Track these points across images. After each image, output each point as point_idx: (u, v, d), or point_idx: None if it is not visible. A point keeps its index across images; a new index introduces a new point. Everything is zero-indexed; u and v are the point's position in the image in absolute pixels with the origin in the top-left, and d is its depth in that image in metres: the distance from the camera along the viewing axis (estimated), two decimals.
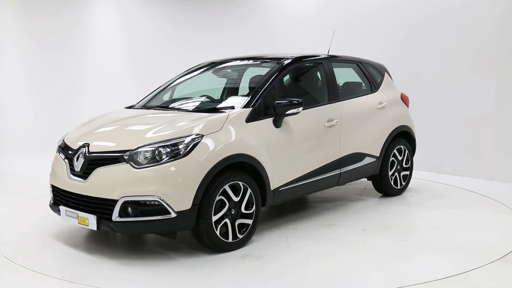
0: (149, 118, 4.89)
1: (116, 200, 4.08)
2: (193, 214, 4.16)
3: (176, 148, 4.17)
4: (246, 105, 4.74)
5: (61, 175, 4.54)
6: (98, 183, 4.20)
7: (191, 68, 6.03)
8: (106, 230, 4.22)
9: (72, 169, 4.43)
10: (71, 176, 4.42)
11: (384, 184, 6.17)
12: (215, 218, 4.27)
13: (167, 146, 4.17)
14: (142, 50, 11.16)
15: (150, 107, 5.31)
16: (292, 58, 5.37)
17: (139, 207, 4.09)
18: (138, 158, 4.14)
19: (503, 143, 7.12)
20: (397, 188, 6.29)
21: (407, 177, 6.44)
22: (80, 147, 4.43)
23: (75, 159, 4.42)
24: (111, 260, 4.26)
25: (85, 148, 4.38)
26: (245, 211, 4.51)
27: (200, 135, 4.28)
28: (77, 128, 5.00)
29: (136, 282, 3.85)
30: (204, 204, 4.20)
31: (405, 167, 6.39)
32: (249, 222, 4.56)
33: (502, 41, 7.03)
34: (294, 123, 4.99)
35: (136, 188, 4.08)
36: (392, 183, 6.22)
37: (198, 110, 4.87)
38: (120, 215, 4.10)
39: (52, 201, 4.73)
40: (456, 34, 7.49)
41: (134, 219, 4.09)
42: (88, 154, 4.32)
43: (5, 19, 9.68)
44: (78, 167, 4.36)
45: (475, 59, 7.31)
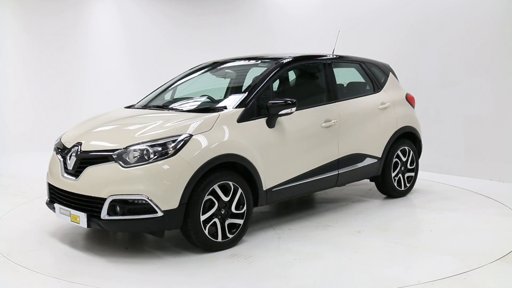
0: (143, 118, 4.94)
1: (105, 199, 4.15)
2: (180, 213, 4.19)
3: (164, 147, 4.21)
4: (238, 105, 4.74)
5: (56, 174, 4.64)
6: (88, 181, 4.27)
7: (193, 68, 6.06)
8: (96, 228, 4.28)
9: (66, 167, 4.52)
10: (64, 174, 4.51)
11: (387, 185, 6.09)
12: (203, 218, 4.29)
13: (155, 146, 4.21)
14: (142, 50, 11.19)
15: (148, 107, 5.37)
16: (289, 58, 5.35)
17: (127, 205, 4.14)
18: (127, 157, 4.19)
19: (503, 143, 7.06)
20: (400, 189, 6.20)
21: (412, 178, 6.34)
22: (73, 146, 4.51)
23: (68, 157, 4.51)
24: (100, 257, 4.33)
25: (77, 147, 4.46)
26: (235, 211, 4.52)
27: (189, 135, 4.31)
28: (74, 127, 5.09)
29: (120, 279, 3.90)
30: (192, 203, 4.23)
31: (409, 168, 6.29)
32: (240, 222, 4.56)
33: (502, 41, 6.97)
34: (289, 124, 4.97)
35: (124, 187, 4.13)
36: (396, 184, 6.13)
37: (192, 110, 4.90)
38: (109, 213, 4.16)
39: (48, 198, 4.83)
40: (456, 34, 7.46)
41: (122, 218, 4.15)
42: (80, 153, 4.40)
43: (5, 19, 9.75)
44: (70, 165, 4.45)
45: (475, 59, 7.27)
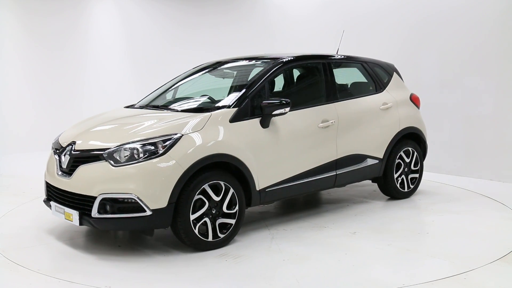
0: (138, 118, 4.97)
1: (95, 197, 4.21)
2: (169, 212, 4.22)
3: (154, 147, 4.25)
4: (232, 105, 4.75)
5: (52, 172, 4.73)
6: (80, 180, 4.34)
7: (196, 67, 6.08)
8: (87, 225, 4.35)
9: (61, 166, 4.60)
10: (59, 172, 4.59)
11: (389, 186, 6.02)
12: (193, 217, 4.32)
13: (145, 145, 4.25)
14: (142, 50, 11.22)
15: (146, 107, 5.41)
16: (286, 59, 5.32)
17: (117, 204, 4.19)
18: (117, 156, 4.24)
19: (503, 143, 7.01)
20: (404, 191, 6.12)
21: (416, 180, 6.25)
22: (68, 145, 4.59)
23: (62, 156, 4.59)
24: (91, 255, 4.39)
25: (71, 146, 4.54)
26: (227, 211, 4.53)
27: (179, 135, 4.34)
28: (72, 127, 5.17)
29: (105, 276, 3.94)
30: (182, 202, 4.25)
31: (413, 169, 6.20)
32: (231, 222, 4.57)
33: (503, 41, 6.91)
34: (284, 124, 4.95)
35: (114, 186, 4.19)
36: (399, 186, 6.06)
37: (187, 110, 4.92)
38: (99, 212, 4.21)
39: (46, 196, 4.92)
40: (456, 34, 7.43)
41: (112, 216, 4.20)
42: (73, 152, 4.48)
43: (5, 19, 9.81)
44: (64, 164, 4.53)
45: (475, 59, 7.23)
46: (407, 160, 6.11)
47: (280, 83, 5.69)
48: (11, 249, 4.55)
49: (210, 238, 4.45)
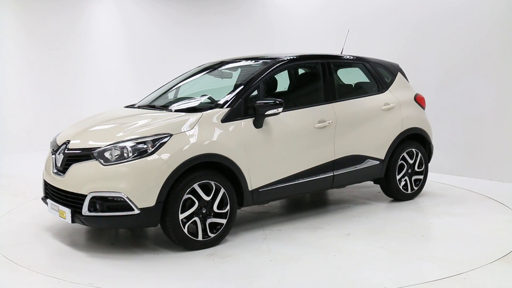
0: (133, 118, 5.01)
1: (85, 195, 4.28)
2: (157, 211, 4.26)
3: (144, 146, 4.30)
4: (225, 105, 4.76)
5: (49, 170, 4.83)
6: (72, 178, 4.43)
7: (198, 67, 6.10)
8: (79, 223, 4.42)
9: (56, 164, 4.69)
10: (54, 171, 4.68)
11: (391, 188, 5.93)
12: (182, 216, 4.35)
13: (134, 144, 4.30)
14: (142, 50, 11.23)
15: (145, 107, 5.46)
16: (284, 59, 5.30)
17: (106, 202, 4.26)
18: (107, 155, 4.31)
19: (503, 143, 6.92)
20: (407, 192, 6.01)
21: (420, 182, 6.13)
22: (63, 144, 4.68)
23: (57, 155, 4.68)
24: (83, 252, 4.47)
25: (65, 145, 4.62)
26: (218, 211, 4.55)
27: (169, 134, 4.37)
28: (70, 126, 5.26)
29: (93, 273, 4.00)
30: (170, 202, 4.29)
31: (417, 171, 6.10)
32: (222, 221, 4.58)
33: (503, 41, 6.81)
34: (278, 124, 4.93)
35: (103, 184, 4.25)
36: (401, 187, 5.96)
37: (180, 110, 4.95)
38: (89, 210, 4.28)
39: (43, 194, 5.03)
40: (457, 34, 7.34)
41: (102, 214, 4.27)
42: (66, 151, 4.56)
43: (5, 19, 9.82)
44: (59, 162, 4.62)
45: (475, 59, 7.14)
46: (411, 162, 6.01)
47: (279, 84, 5.66)
48: (7, 246, 4.66)
49: (200, 238, 4.47)
